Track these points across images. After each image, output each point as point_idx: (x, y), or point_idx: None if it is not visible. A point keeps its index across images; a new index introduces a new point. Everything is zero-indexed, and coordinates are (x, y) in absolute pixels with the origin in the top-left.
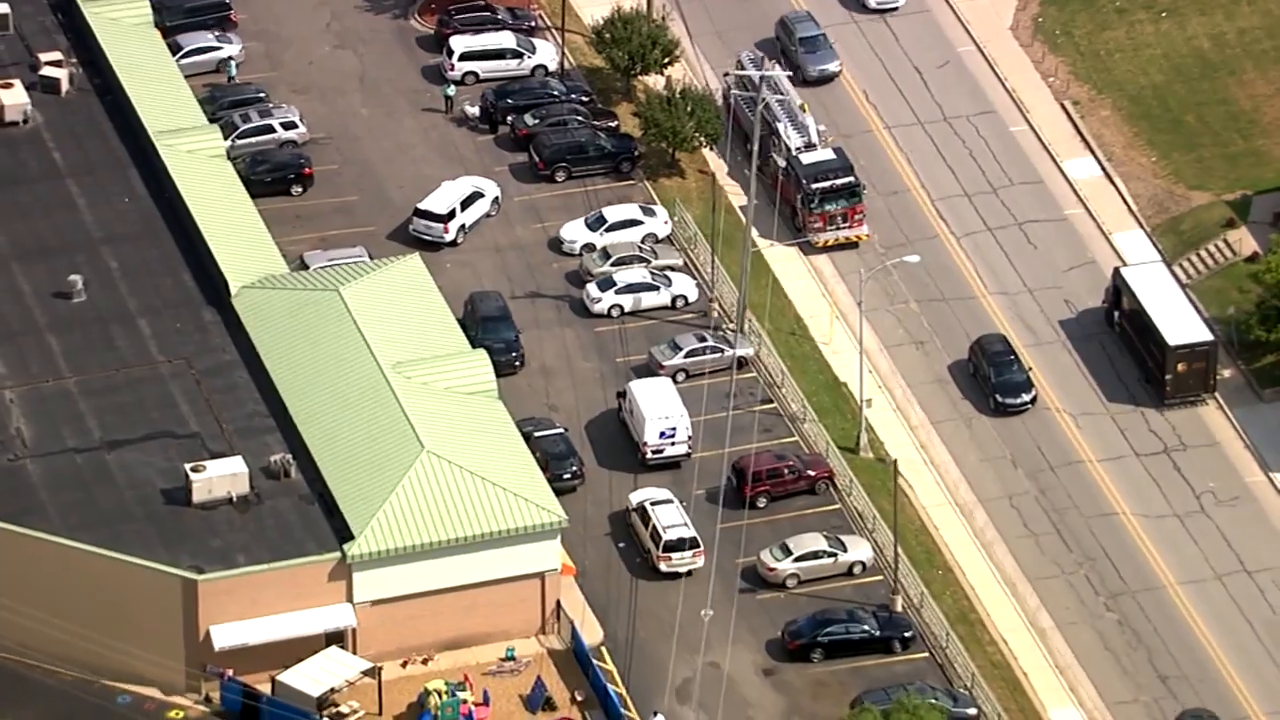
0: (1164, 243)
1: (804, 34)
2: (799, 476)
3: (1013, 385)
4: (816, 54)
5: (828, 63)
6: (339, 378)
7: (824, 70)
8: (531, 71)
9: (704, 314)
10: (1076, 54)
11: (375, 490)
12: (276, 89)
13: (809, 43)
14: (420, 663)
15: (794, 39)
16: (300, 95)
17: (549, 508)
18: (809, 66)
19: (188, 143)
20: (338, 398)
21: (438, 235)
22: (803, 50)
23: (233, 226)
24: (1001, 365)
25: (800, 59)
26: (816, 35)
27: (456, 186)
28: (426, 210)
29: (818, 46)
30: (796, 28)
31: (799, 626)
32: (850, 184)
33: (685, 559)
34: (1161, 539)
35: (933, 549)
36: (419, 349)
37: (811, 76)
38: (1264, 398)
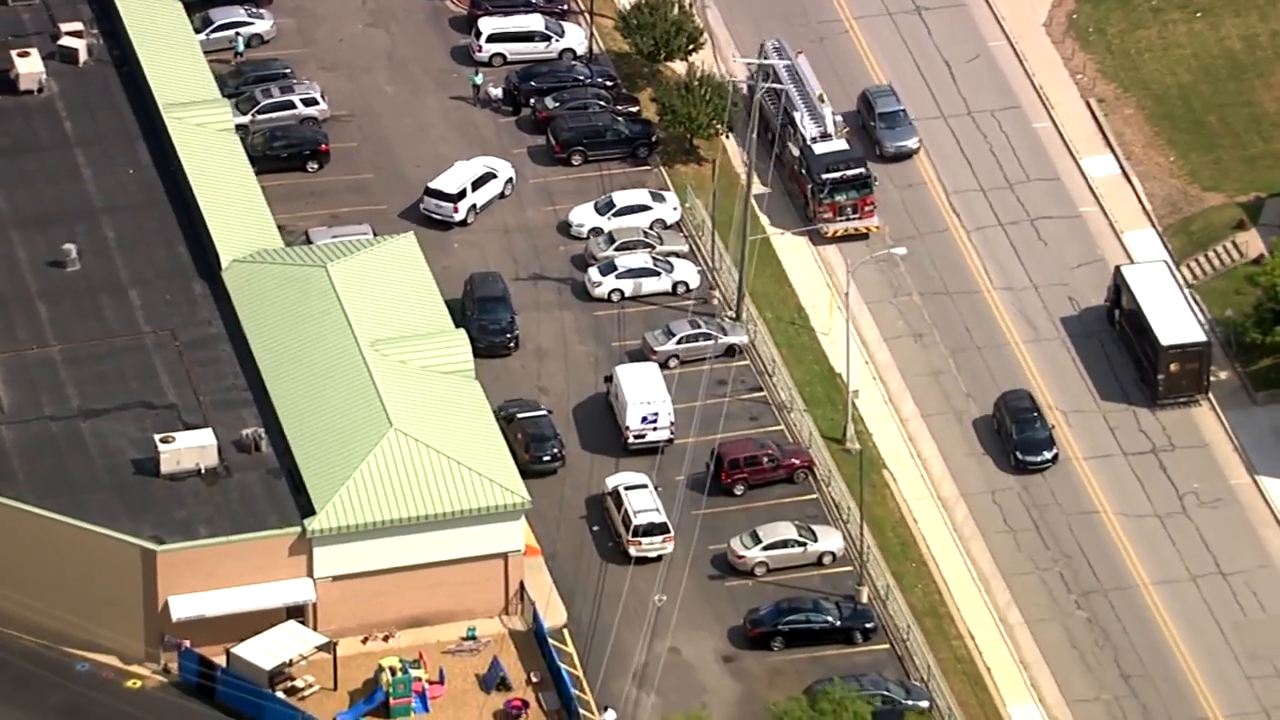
0: (1174, 243)
1: (884, 109)
2: (777, 465)
3: (1034, 443)
4: (895, 130)
5: (906, 139)
6: (317, 353)
7: (902, 147)
8: (559, 55)
9: (704, 301)
10: (1107, 52)
11: (340, 466)
12: (305, 65)
13: (889, 118)
14: (381, 640)
15: (874, 113)
16: (328, 72)
17: (513, 489)
18: (887, 142)
19: (197, 116)
20: (314, 373)
21: (447, 214)
22: (882, 125)
23: (231, 201)
24: (1024, 422)
25: (878, 134)
26: (897, 111)
27: (469, 167)
28: (437, 189)
29: (897, 123)
30: (877, 102)
31: (760, 614)
32: (861, 175)
33: (655, 544)
34: (1140, 539)
35: (909, 541)
36: (401, 327)
37: (888, 152)
38: (1257, 400)
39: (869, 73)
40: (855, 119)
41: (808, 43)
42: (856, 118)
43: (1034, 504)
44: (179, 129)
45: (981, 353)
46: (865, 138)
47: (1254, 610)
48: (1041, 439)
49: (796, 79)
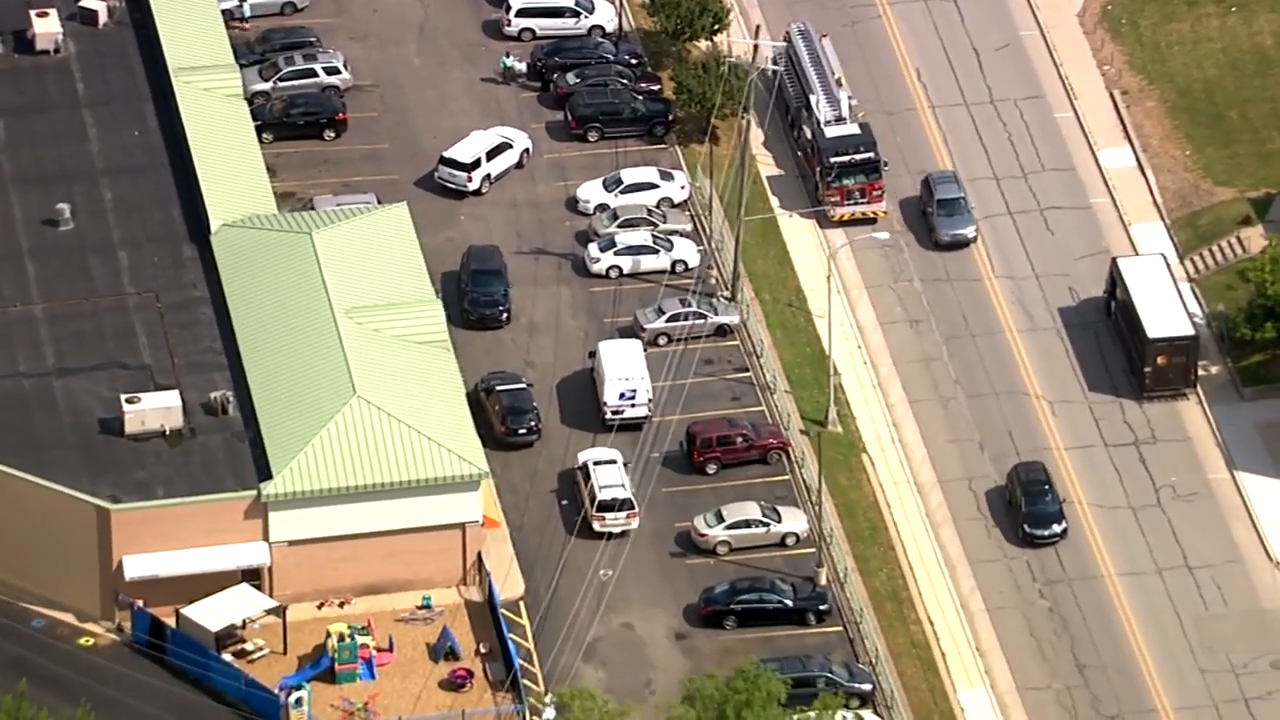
0: (1180, 236)
1: (943, 195)
2: (751, 445)
3: (1044, 516)
4: (953, 218)
5: (963, 228)
6: (292, 319)
7: (957, 235)
8: (588, 31)
9: (702, 280)
10: (1137, 44)
11: (301, 431)
12: (336, 34)
13: (947, 205)
14: (337, 606)
15: (933, 199)
16: (358, 42)
17: (471, 459)
18: (942, 230)
19: (205, 80)
20: (286, 339)
21: (461, 184)
22: (939, 212)
23: (229, 166)
24: (1035, 495)
25: (935, 220)
26: (957, 199)
27: (484, 136)
28: (451, 158)
29: (955, 210)
30: (938, 187)
31: (715, 593)
32: (870, 160)
33: (619, 520)
34: (1111, 529)
35: (879, 525)
36: (379, 296)
37: (943, 240)
38: (1244, 396)
39: (897, 58)
40: (915, 203)
41: (839, 26)
42: (916, 201)
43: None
44: (186, 93)
45: (975, 340)
46: (922, 223)
47: (1216, 604)
48: (1051, 513)
49: (817, 62)
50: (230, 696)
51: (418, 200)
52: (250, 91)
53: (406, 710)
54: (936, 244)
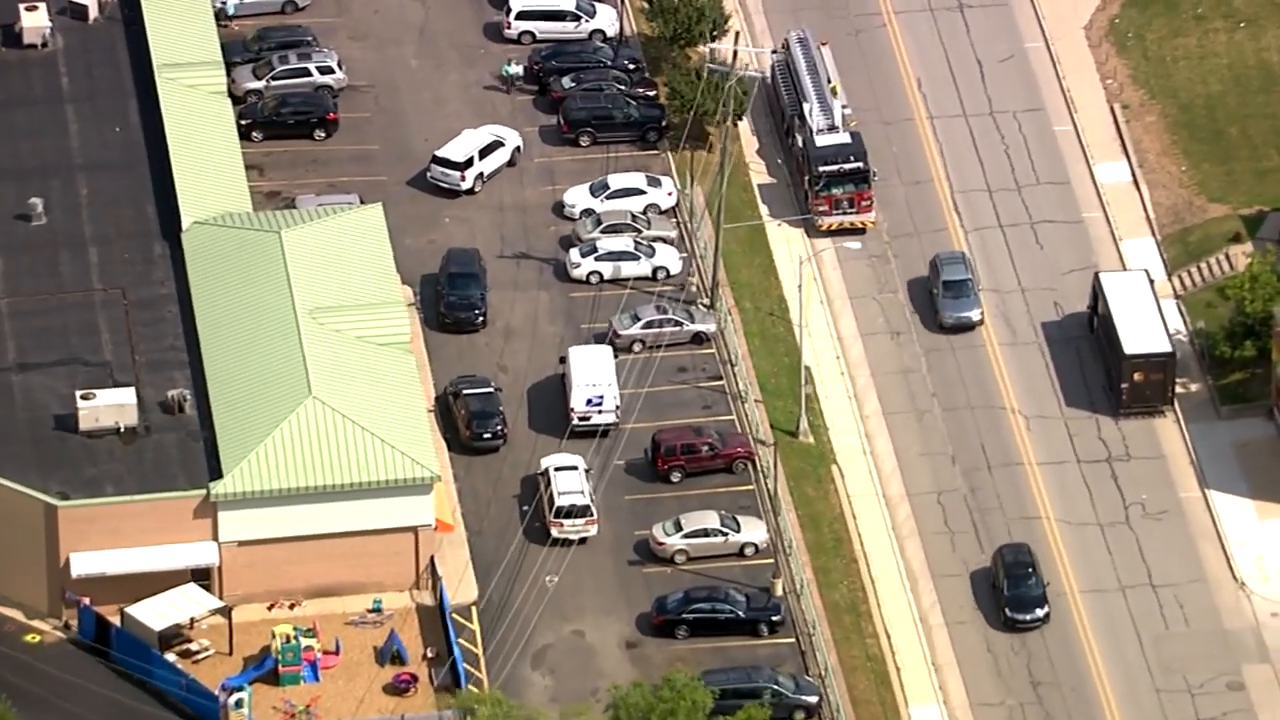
0: (1170, 252)
1: (950, 276)
2: (716, 454)
3: (1026, 600)
4: (958, 300)
5: (968, 310)
6: (255, 319)
7: (962, 319)
8: (589, 35)
9: (683, 287)
10: (1142, 58)
11: (255, 431)
12: (335, 34)
13: (953, 287)
14: (287, 608)
15: (939, 280)
16: (357, 42)
17: (423, 462)
18: (947, 312)
19: (190, 77)
20: (247, 338)
21: (454, 183)
22: (944, 294)
23: (207, 163)
24: (1018, 578)
25: (940, 301)
26: (963, 280)
27: (476, 135)
28: (444, 158)
29: (961, 293)
30: (945, 268)
31: (667, 602)
32: (859, 169)
33: (577, 526)
34: (1077, 546)
35: (843, 537)
36: (344, 297)
37: (947, 322)
38: (1221, 415)
39: (898, 67)
40: (922, 283)
41: (844, 35)
42: (924, 282)
43: (977, 507)
44: (169, 89)
45: (956, 353)
46: (929, 303)
47: (1177, 624)
48: (1034, 597)
49: (813, 70)
50: (171, 697)
51: (404, 202)
52: (243, 90)
53: (348, 713)
54: (940, 326)
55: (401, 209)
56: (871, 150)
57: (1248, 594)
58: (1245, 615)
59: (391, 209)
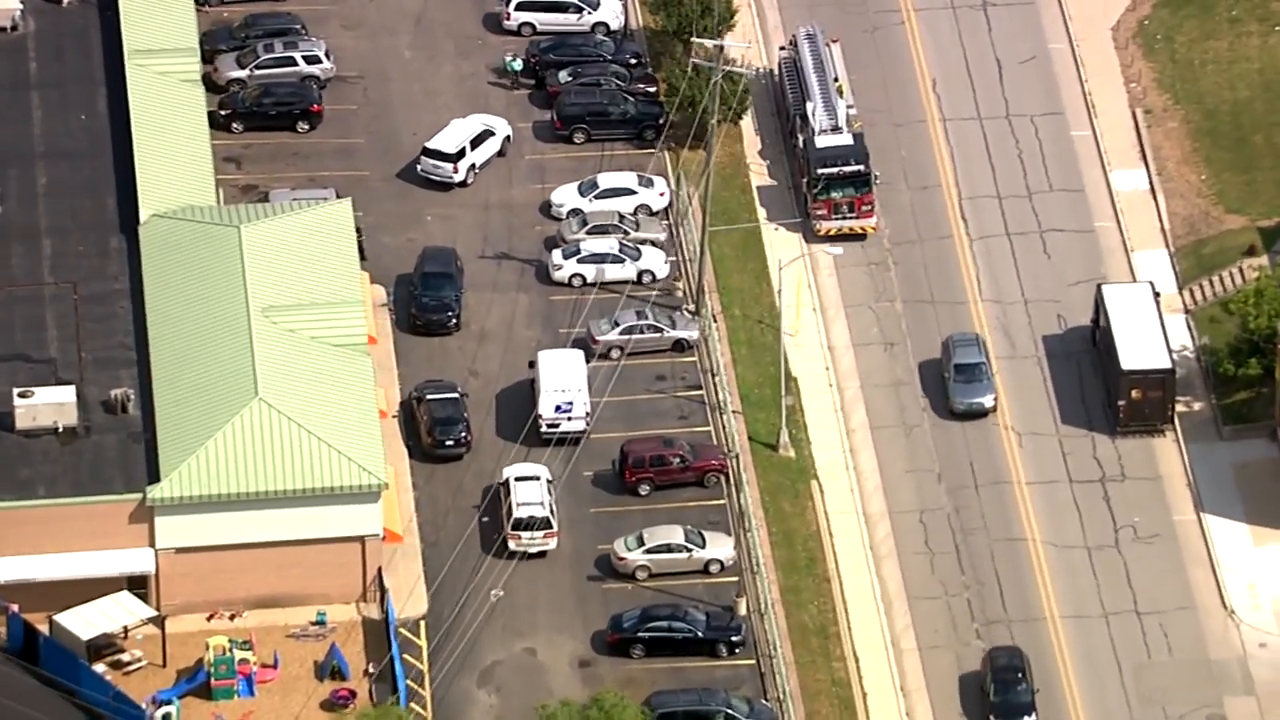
0: (1182, 264)
1: (962, 360)
2: (687, 467)
3: (1014, 707)
4: (970, 385)
5: (980, 396)
6: (207, 317)
7: (974, 404)
8: (591, 28)
9: (668, 292)
10: (1170, 61)
11: (197, 433)
12: (327, 22)
13: (965, 371)
14: (228, 618)
15: (950, 363)
16: (349, 31)
17: (371, 470)
18: (957, 398)
19: (162, 64)
20: (197, 336)
21: (446, 175)
22: (956, 378)
23: (172, 154)
24: (1006, 683)
25: (951, 386)
26: (976, 364)
27: (466, 124)
28: (435, 149)
29: (974, 377)
30: (957, 351)
31: (622, 620)
32: (859, 172)
33: (535, 539)
34: (1062, 570)
35: (817, 556)
36: (301, 295)
37: (958, 409)
38: (1223, 435)
39: (914, 67)
40: (934, 366)
41: (860, 32)
42: (936, 365)
43: (961, 527)
44: (139, 76)
45: None
46: (939, 388)
47: (1160, 652)
48: (1023, 703)
49: (820, 68)
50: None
51: (387, 198)
52: (226, 79)
53: None
54: (951, 412)
55: (383, 206)
56: (879, 153)
57: (1237, 623)
58: (1233, 645)
59: (373, 205)
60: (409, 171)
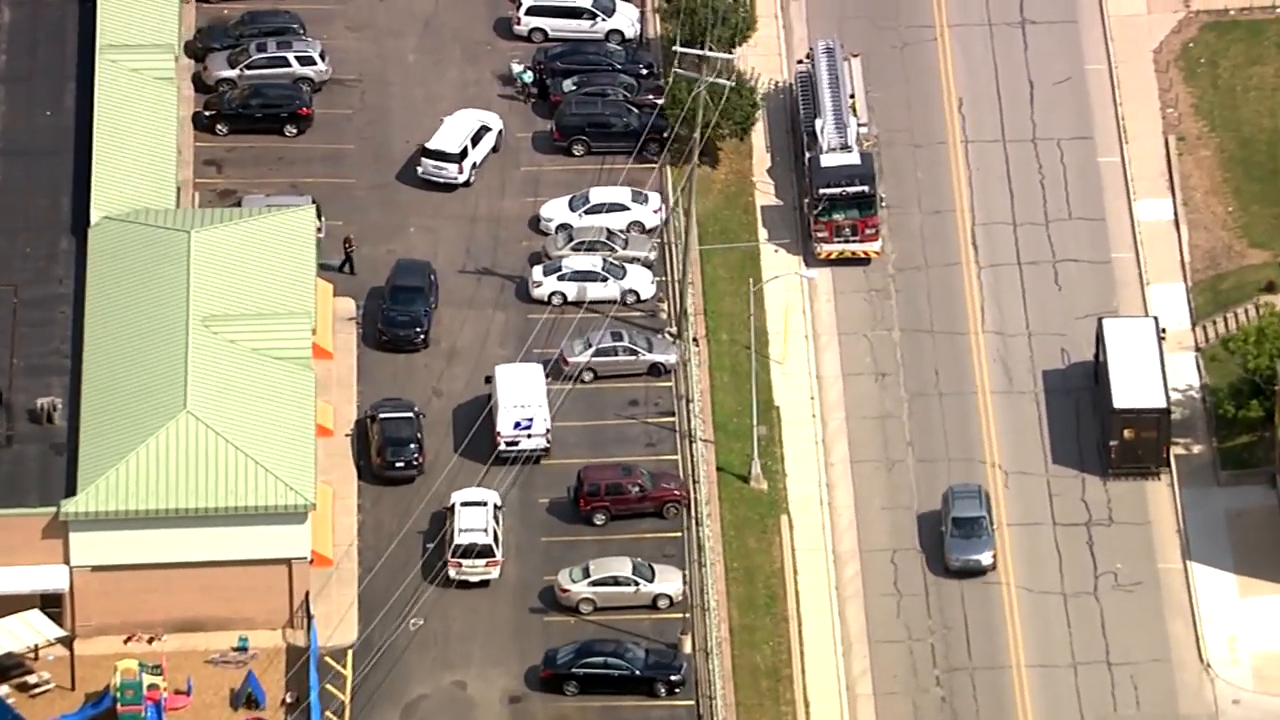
0: (1198, 299)
1: (961, 513)
2: (645, 496)
3: None
4: (969, 541)
5: (979, 553)
6: (146, 324)
7: (970, 562)
8: (605, 36)
9: (652, 314)
10: (1210, 86)
11: (119, 446)
12: (331, 22)
13: (964, 525)
14: (146, 641)
15: (948, 516)
16: (354, 32)
17: (299, 489)
18: (953, 554)
19: (136, 60)
20: (133, 345)
21: (451, 176)
22: (954, 532)
23: (133, 154)
24: None
25: (948, 540)
26: (977, 518)
27: (462, 122)
28: (437, 150)
29: (973, 531)
30: (956, 503)
31: (557, 655)
32: (863, 194)
33: (477, 567)
34: (1034, 616)
35: (778, 594)
36: (247, 305)
37: (953, 566)
38: (1220, 480)
39: (941, 86)
40: (932, 519)
41: (888, 48)
42: (934, 519)
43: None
44: (109, 72)
45: (941, 400)
46: (936, 543)
47: (1128, 706)
48: None
49: (835, 84)
50: None
51: (371, 208)
52: (215, 78)
53: None
54: (946, 569)
55: (367, 215)
56: (895, 174)
57: (1212, 677)
58: (1205, 700)
59: (356, 215)
60: (397, 180)
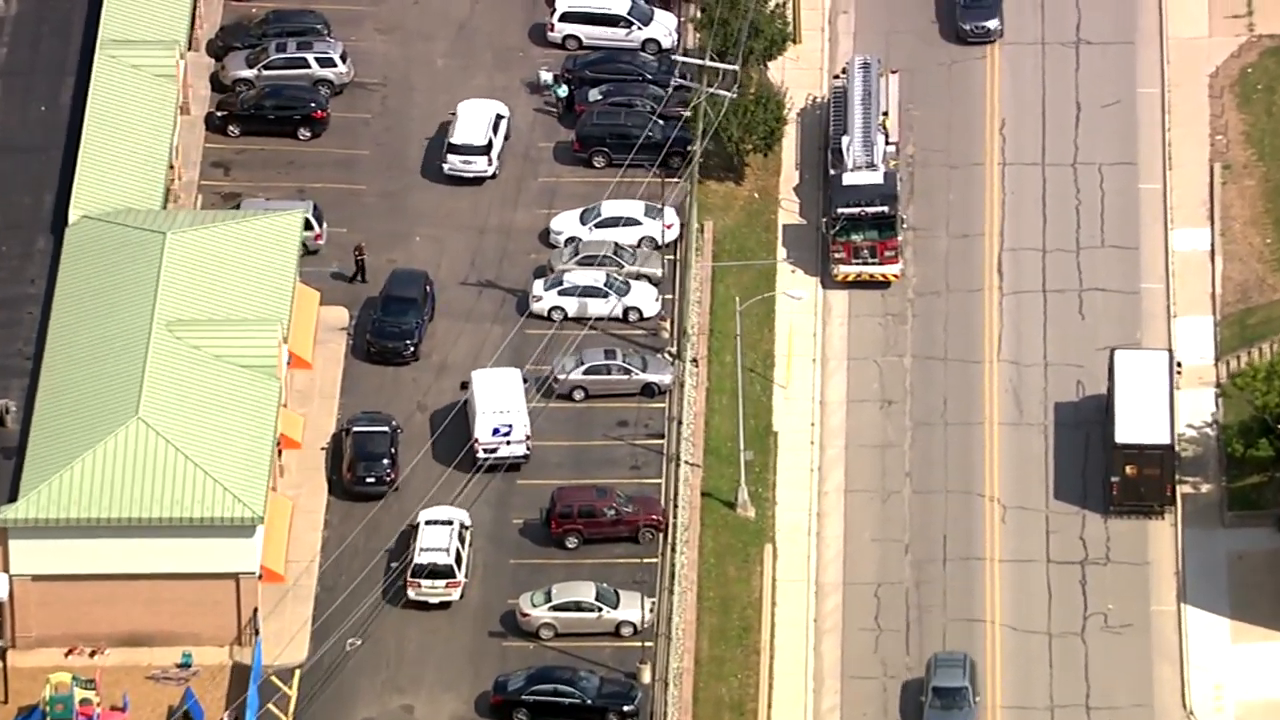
0: (1225, 333)
1: (942, 683)
2: (619, 520)
3: None
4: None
5: None
6: (107, 327)
7: None
8: (641, 45)
9: (654, 332)
10: (1264, 113)
11: (65, 452)
12: (360, 24)
13: (945, 696)
14: (88, 655)
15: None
16: (383, 34)
17: (247, 501)
18: None
19: (136, 56)
20: (95, 348)
21: (481, 170)
22: (933, 702)
23: (122, 153)
24: None
25: (925, 712)
26: (958, 689)
27: (479, 111)
28: (464, 144)
29: (954, 703)
30: (937, 672)
31: (508, 681)
32: (883, 214)
33: (436, 589)
34: (1016, 657)
35: (752, 625)
36: (216, 310)
37: None
38: (1225, 522)
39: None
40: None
41: (934, 65)
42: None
43: (919, 603)
44: (107, 68)
45: (947, 429)
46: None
47: None
48: None
49: (867, 100)
50: None
51: (379, 216)
52: (232, 78)
53: None
54: None
55: (373, 223)
56: (926, 196)
57: None
58: None
59: (362, 222)
60: (409, 187)
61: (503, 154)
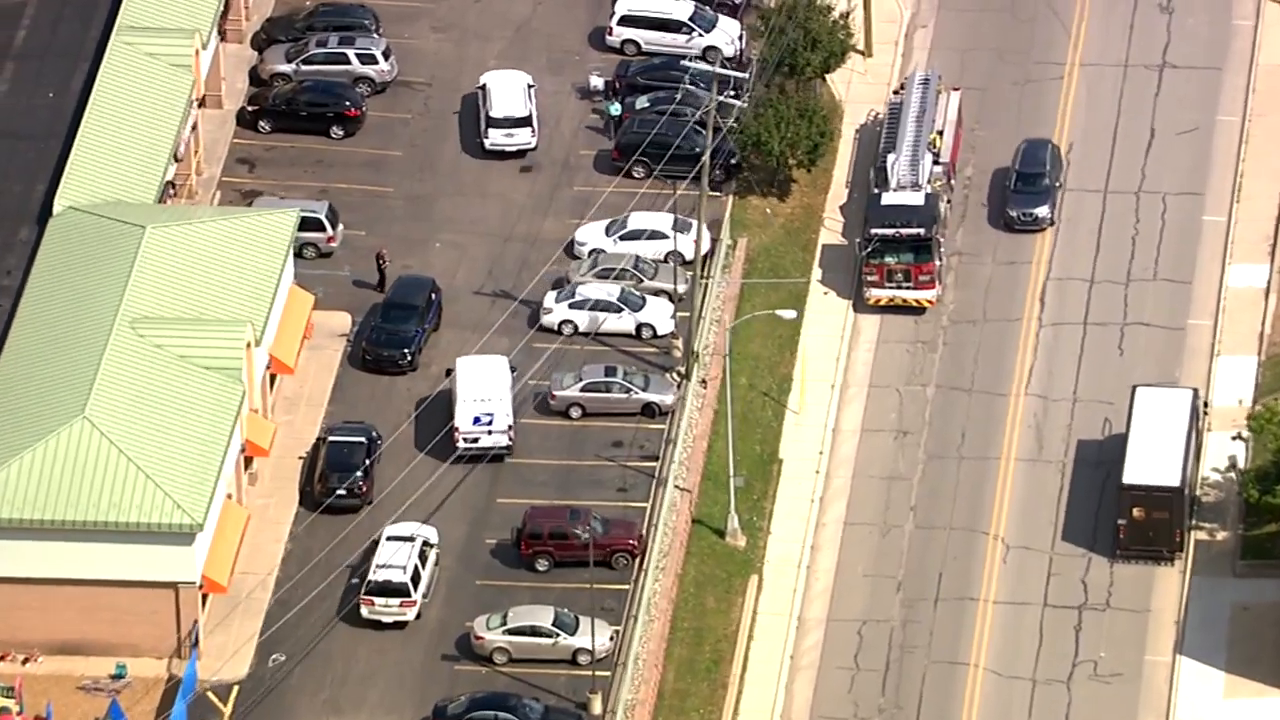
0: (1267, 375)
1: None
2: (592, 543)
3: None
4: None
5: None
6: (74, 323)
7: None
8: (702, 52)
9: (665, 351)
10: None
11: (7, 449)
12: (416, 21)
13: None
14: (20, 662)
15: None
16: (438, 33)
17: (187, 508)
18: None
19: (153, 44)
20: (54, 345)
21: (525, 141)
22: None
23: (125, 143)
24: None
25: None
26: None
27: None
28: (506, 117)
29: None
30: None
31: (447, 707)
32: (918, 236)
33: (391, 607)
34: (996, 703)
35: (723, 659)
36: (186, 309)
37: None
38: (1236, 571)
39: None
40: None
41: (1008, 84)
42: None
43: (903, 643)
44: (120, 55)
45: (960, 464)
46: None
47: None
48: None
49: (921, 118)
50: None
51: (402, 220)
52: (270, 72)
53: None
54: None
55: (394, 228)
56: (975, 220)
57: None
58: None
59: (383, 226)
60: (438, 192)
61: None
